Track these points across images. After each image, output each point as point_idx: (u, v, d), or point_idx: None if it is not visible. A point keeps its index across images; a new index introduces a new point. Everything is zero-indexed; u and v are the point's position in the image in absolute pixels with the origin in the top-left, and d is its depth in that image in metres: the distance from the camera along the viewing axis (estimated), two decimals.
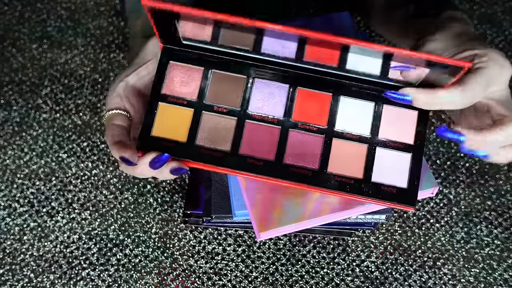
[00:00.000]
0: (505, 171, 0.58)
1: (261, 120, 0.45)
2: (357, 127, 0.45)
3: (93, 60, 0.64)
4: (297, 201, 0.47)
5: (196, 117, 0.45)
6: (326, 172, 0.44)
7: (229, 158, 0.44)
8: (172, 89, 0.45)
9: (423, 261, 0.54)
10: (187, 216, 0.53)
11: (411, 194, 0.43)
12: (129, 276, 0.53)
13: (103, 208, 0.56)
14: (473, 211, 0.56)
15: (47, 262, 0.54)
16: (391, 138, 0.44)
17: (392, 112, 0.45)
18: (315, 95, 0.45)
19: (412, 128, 0.44)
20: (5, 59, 0.64)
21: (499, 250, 0.54)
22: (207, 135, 0.44)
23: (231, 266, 0.54)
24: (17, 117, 0.61)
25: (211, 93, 0.45)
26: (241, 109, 0.45)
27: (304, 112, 0.45)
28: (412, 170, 0.44)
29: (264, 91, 0.45)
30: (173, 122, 0.45)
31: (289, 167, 0.44)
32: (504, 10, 0.67)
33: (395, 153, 0.44)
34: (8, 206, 0.57)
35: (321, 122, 0.45)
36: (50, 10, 0.67)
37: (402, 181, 0.44)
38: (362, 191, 0.43)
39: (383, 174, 0.44)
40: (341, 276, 0.53)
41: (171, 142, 0.44)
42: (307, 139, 0.44)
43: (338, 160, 0.44)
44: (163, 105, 0.45)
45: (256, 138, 0.44)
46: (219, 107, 0.45)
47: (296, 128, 0.45)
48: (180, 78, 0.45)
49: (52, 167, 0.58)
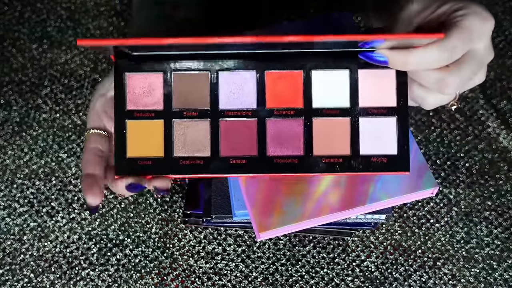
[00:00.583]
0: (505, 171, 0.58)
1: (235, 115, 0.43)
2: (335, 100, 0.42)
3: (93, 60, 0.64)
4: (297, 201, 0.47)
5: (167, 127, 0.43)
6: (312, 156, 0.42)
7: (211, 163, 0.42)
8: (136, 103, 0.43)
9: (423, 261, 0.54)
10: (187, 216, 0.53)
11: (403, 159, 0.42)
12: (129, 276, 0.53)
13: (103, 208, 0.56)
14: (473, 211, 0.56)
15: (47, 262, 0.54)
16: (373, 105, 0.42)
17: (368, 76, 0.42)
18: (285, 75, 0.43)
19: (392, 89, 0.42)
20: (5, 59, 0.64)
21: (499, 250, 0.54)
22: (183, 144, 0.43)
23: (231, 266, 0.53)
24: (17, 117, 0.61)
25: (176, 97, 0.43)
26: (212, 108, 0.43)
27: (277, 96, 0.43)
28: (399, 133, 0.42)
29: (230, 82, 0.43)
30: (146, 138, 0.43)
31: (274, 159, 0.42)
32: (504, 10, 0.67)
33: (379, 120, 0.42)
34: (8, 206, 0.56)
35: (297, 103, 0.43)
36: (50, 10, 0.67)
37: (392, 147, 0.42)
38: (353, 167, 0.42)
39: (371, 144, 0.42)
40: (341, 276, 0.53)
41: (148, 159, 0.42)
42: (286, 125, 0.43)
43: (322, 140, 0.42)
44: (131, 123, 0.43)
45: (234, 136, 0.43)
46: (188, 112, 0.43)
47: (273, 115, 0.43)
48: (141, 89, 0.43)
49: (52, 167, 0.58)
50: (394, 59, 0.39)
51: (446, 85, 0.39)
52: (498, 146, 0.59)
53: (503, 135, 0.59)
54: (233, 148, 0.43)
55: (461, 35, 0.38)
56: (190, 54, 0.42)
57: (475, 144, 0.59)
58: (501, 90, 0.62)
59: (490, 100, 0.61)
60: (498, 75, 0.62)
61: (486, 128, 0.60)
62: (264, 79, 0.43)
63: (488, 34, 0.39)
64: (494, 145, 0.59)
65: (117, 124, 0.43)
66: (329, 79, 0.43)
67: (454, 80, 0.38)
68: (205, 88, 0.43)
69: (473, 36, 0.38)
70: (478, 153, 0.59)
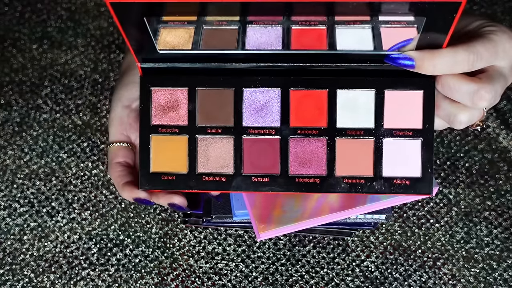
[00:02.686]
0: (505, 171, 0.58)
1: (258, 133, 0.42)
2: (360, 120, 0.42)
3: (93, 61, 0.64)
4: (297, 201, 0.47)
5: (191, 143, 0.43)
6: (334, 176, 0.42)
7: (234, 181, 0.42)
8: (160, 118, 0.43)
9: (423, 261, 0.54)
10: (187, 216, 0.53)
11: (426, 182, 0.41)
12: (129, 276, 0.53)
13: (103, 208, 0.56)
14: (473, 211, 0.56)
15: (47, 262, 0.54)
16: (398, 126, 0.42)
17: (395, 97, 0.42)
18: (309, 94, 0.42)
19: (418, 111, 0.41)
20: (5, 59, 0.64)
21: (499, 250, 0.55)
22: (207, 160, 0.43)
23: (231, 266, 0.54)
24: (17, 117, 0.61)
25: (201, 113, 0.43)
26: (236, 125, 0.43)
27: (301, 115, 0.42)
28: (424, 156, 0.41)
29: (255, 100, 0.43)
30: (170, 153, 0.43)
31: (296, 178, 0.42)
32: (504, 10, 0.67)
33: (404, 142, 0.42)
34: (8, 206, 0.57)
35: (321, 123, 0.42)
36: (50, 10, 0.67)
37: (415, 170, 0.41)
38: (375, 189, 0.42)
39: (394, 166, 0.42)
40: (341, 276, 0.53)
41: (172, 175, 0.43)
42: (309, 145, 0.42)
43: (345, 161, 0.42)
44: (156, 138, 0.43)
45: (256, 153, 0.43)
46: (212, 128, 0.43)
47: (296, 134, 0.42)
48: (166, 104, 0.43)
49: (52, 167, 0.58)
50: (421, 60, 0.38)
51: (480, 98, 0.38)
52: (498, 146, 0.59)
53: (503, 135, 0.59)
54: (256, 166, 0.42)
55: (488, 45, 0.38)
56: (216, 69, 0.42)
57: (475, 144, 0.59)
58: None
59: None
60: None
61: (486, 128, 0.60)
62: (288, 97, 0.42)
63: None
64: (494, 145, 0.59)
65: (142, 139, 0.43)
66: (354, 98, 0.42)
67: (488, 92, 0.38)
68: (229, 105, 0.43)
69: (499, 50, 0.38)
70: (478, 153, 0.59)
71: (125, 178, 0.43)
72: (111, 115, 0.45)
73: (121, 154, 0.44)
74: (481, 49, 0.38)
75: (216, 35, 0.42)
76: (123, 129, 0.45)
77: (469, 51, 0.37)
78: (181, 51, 0.42)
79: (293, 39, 0.41)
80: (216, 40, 0.42)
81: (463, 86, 0.38)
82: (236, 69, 0.42)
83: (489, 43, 0.38)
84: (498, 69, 0.39)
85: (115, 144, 0.44)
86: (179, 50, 0.42)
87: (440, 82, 0.39)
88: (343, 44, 0.41)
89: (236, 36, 0.42)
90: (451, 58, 0.37)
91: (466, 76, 0.39)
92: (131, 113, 0.45)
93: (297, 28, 0.42)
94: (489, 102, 0.38)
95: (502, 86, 0.39)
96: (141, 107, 0.43)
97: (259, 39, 0.42)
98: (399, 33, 0.40)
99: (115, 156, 0.44)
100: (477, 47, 0.38)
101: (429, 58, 0.38)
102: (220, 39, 0.42)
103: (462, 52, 0.37)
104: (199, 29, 0.42)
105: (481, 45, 0.38)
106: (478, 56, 0.38)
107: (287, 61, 0.41)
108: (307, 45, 0.41)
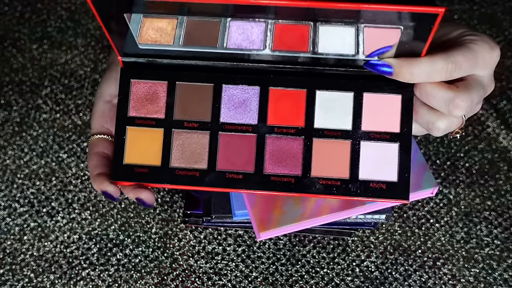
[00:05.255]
0: (505, 171, 0.58)
1: (235, 130, 0.42)
2: (338, 121, 0.42)
3: (93, 61, 0.64)
4: (297, 201, 0.47)
5: (167, 137, 0.42)
6: (309, 176, 0.41)
7: (207, 176, 0.42)
8: (138, 110, 0.43)
9: (423, 261, 0.54)
10: (187, 216, 0.53)
11: (403, 187, 0.41)
12: (129, 276, 0.53)
13: (103, 208, 0.56)
14: (473, 211, 0.56)
15: (47, 262, 0.54)
16: (375, 129, 0.41)
17: (373, 100, 0.42)
18: (288, 93, 0.42)
19: (397, 115, 0.41)
20: (5, 59, 0.64)
21: (499, 250, 0.55)
22: (181, 154, 0.42)
23: (231, 266, 0.54)
24: (17, 117, 0.61)
25: (179, 107, 0.43)
26: (213, 121, 0.42)
27: (279, 114, 0.42)
28: (401, 161, 0.41)
29: (234, 97, 0.42)
30: (144, 145, 0.42)
31: (270, 177, 0.42)
32: (504, 10, 0.67)
33: (381, 145, 0.41)
34: (8, 206, 0.57)
35: (298, 122, 0.42)
36: (50, 10, 0.67)
37: (392, 174, 0.41)
38: (350, 191, 0.41)
39: (371, 170, 0.41)
40: (341, 276, 0.53)
41: (145, 167, 0.42)
42: (286, 144, 0.42)
43: (321, 161, 0.42)
44: (131, 129, 0.43)
45: (232, 150, 0.42)
46: (189, 122, 0.42)
47: (273, 132, 0.42)
48: (144, 97, 0.43)
49: (52, 167, 0.58)
50: (399, 68, 0.38)
51: (455, 106, 0.38)
52: (498, 146, 0.59)
53: (503, 135, 0.59)
54: (231, 162, 0.42)
55: (468, 54, 0.38)
56: (197, 65, 0.42)
57: (475, 144, 0.59)
58: (501, 90, 0.62)
59: (490, 100, 0.61)
60: (498, 75, 0.62)
61: (486, 128, 0.60)
62: (267, 95, 0.42)
63: (492, 64, 0.40)
64: (494, 145, 0.59)
65: (118, 130, 0.43)
66: (333, 100, 0.42)
67: (463, 101, 0.38)
68: (208, 100, 0.42)
69: (479, 60, 0.38)
70: (478, 153, 0.59)
71: (99, 168, 0.43)
72: (93, 109, 0.46)
73: (101, 145, 0.44)
74: (460, 58, 0.38)
75: (198, 28, 0.42)
76: (104, 121, 0.45)
77: (448, 60, 0.38)
78: (162, 47, 0.42)
79: (275, 38, 0.42)
80: (198, 33, 0.42)
81: (439, 93, 0.38)
82: (216, 68, 0.42)
83: (469, 53, 0.38)
84: (477, 78, 0.40)
85: (96, 136, 0.44)
86: (160, 45, 0.42)
87: (418, 88, 0.40)
88: (325, 46, 0.41)
89: (218, 30, 0.42)
90: (428, 67, 0.38)
91: (444, 83, 0.39)
92: (113, 108, 0.45)
93: (280, 24, 0.42)
94: (464, 110, 0.39)
95: (479, 95, 0.39)
96: (119, 98, 0.43)
97: (241, 35, 0.42)
98: (382, 33, 0.40)
99: (95, 147, 0.44)
100: (456, 57, 0.38)
101: (407, 66, 0.38)
102: (203, 32, 0.42)
103: (440, 61, 0.37)
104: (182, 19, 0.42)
105: (460, 54, 0.38)
106: (457, 65, 0.38)
107: (268, 62, 0.42)
108: (289, 46, 0.41)
